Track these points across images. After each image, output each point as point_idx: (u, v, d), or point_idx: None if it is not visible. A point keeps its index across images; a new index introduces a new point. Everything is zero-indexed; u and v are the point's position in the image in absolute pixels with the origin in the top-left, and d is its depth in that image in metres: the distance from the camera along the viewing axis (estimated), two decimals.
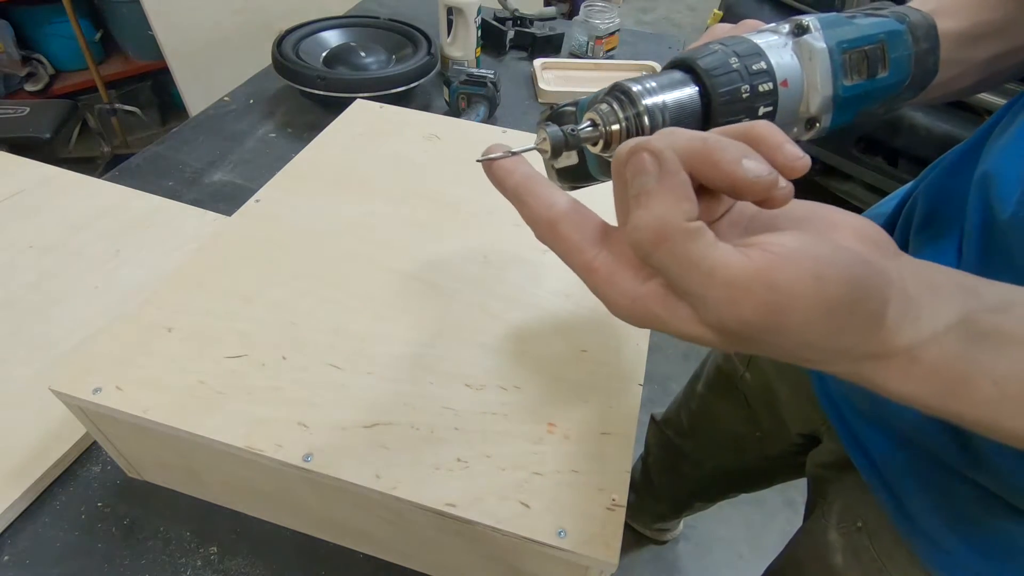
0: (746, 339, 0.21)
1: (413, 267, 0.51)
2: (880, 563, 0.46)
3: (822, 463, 0.59)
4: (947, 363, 0.22)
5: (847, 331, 0.21)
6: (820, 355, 0.22)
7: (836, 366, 0.22)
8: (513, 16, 1.20)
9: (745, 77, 0.26)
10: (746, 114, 0.26)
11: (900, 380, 0.22)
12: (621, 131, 0.26)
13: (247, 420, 0.40)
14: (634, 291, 0.22)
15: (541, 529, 0.36)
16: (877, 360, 0.22)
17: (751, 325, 0.20)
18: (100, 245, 0.67)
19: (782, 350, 0.21)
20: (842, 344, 0.21)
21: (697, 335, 0.21)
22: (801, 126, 0.28)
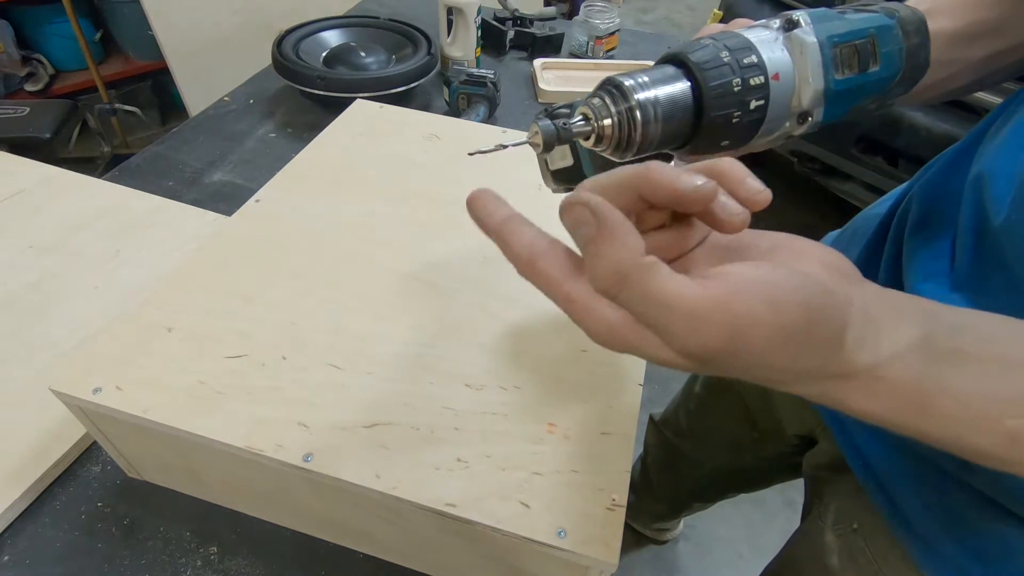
0: (713, 363, 0.21)
1: (413, 267, 0.51)
2: (876, 565, 0.46)
3: (818, 464, 0.59)
4: (909, 381, 0.23)
5: (806, 354, 0.21)
6: (784, 376, 0.22)
7: (801, 387, 0.23)
8: (513, 16, 1.20)
9: (736, 71, 0.26)
10: (737, 108, 0.26)
11: (863, 399, 0.23)
12: (613, 125, 0.26)
13: (247, 420, 0.40)
14: (609, 319, 0.22)
15: (541, 529, 0.36)
16: (840, 380, 0.23)
17: (714, 351, 0.20)
18: (100, 245, 0.67)
19: (749, 373, 0.22)
20: (803, 366, 0.22)
21: (668, 360, 0.22)
22: (793, 120, 0.28)
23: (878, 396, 0.23)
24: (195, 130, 0.93)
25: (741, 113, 0.26)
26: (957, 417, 0.23)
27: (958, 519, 0.40)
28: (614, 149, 0.27)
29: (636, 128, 0.26)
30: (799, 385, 0.23)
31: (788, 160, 1.93)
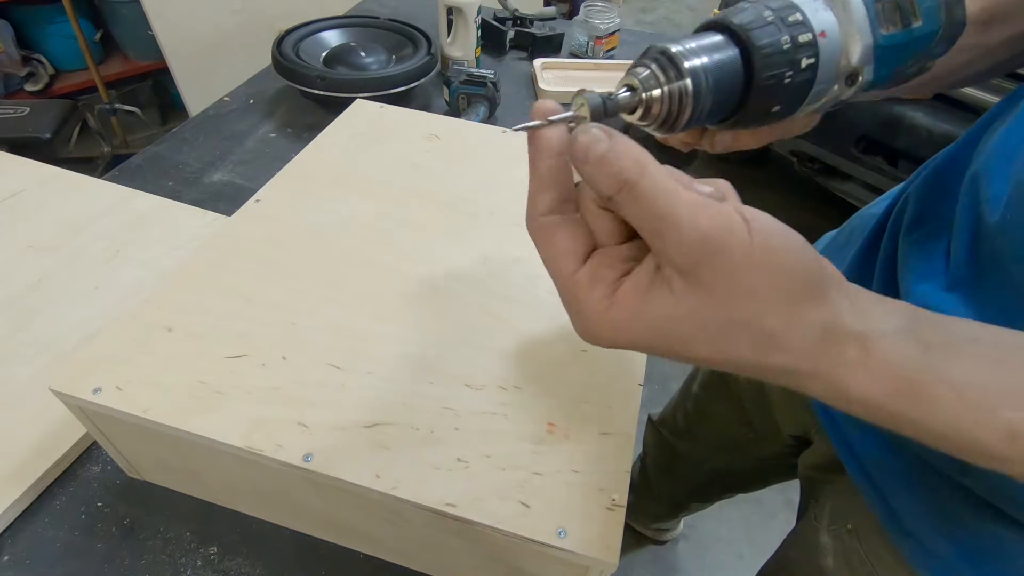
0: (704, 280, 0.21)
1: (413, 267, 0.51)
2: (870, 566, 0.46)
3: (813, 465, 0.59)
4: (900, 362, 0.22)
5: (796, 289, 0.21)
6: (772, 313, 0.21)
7: (795, 345, 0.22)
8: (513, 16, 1.20)
9: (783, 28, 0.24)
10: (788, 67, 0.25)
11: (857, 374, 0.22)
12: (663, 96, 0.24)
13: (247, 420, 0.40)
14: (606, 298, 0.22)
15: (541, 529, 0.36)
16: (832, 342, 0.22)
17: (710, 251, 0.20)
18: (100, 245, 0.67)
19: (738, 303, 0.21)
20: (793, 301, 0.21)
21: (664, 307, 0.21)
22: (842, 82, 0.27)
23: (870, 372, 0.22)
24: (195, 130, 0.93)
25: (792, 73, 0.25)
26: (953, 405, 0.22)
27: (951, 519, 0.40)
28: (661, 123, 0.25)
29: (687, 98, 0.24)
30: (787, 343, 0.22)
31: (788, 160, 1.93)
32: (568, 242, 0.23)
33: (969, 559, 0.39)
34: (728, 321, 0.21)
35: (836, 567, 0.50)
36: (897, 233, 0.45)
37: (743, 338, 0.21)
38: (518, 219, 0.60)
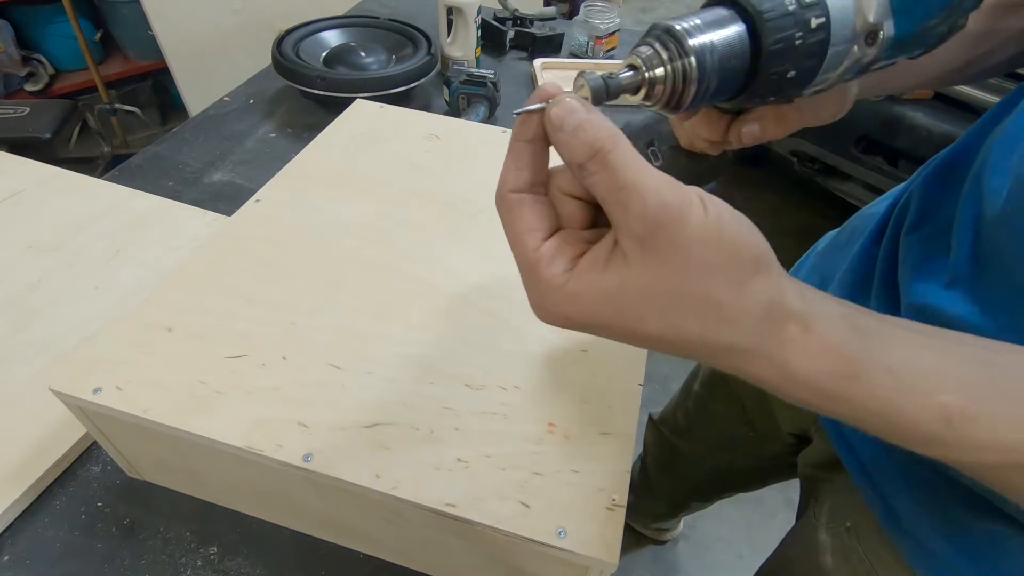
0: (658, 252, 0.21)
1: (413, 267, 0.51)
2: (868, 564, 0.46)
3: (813, 463, 0.59)
4: (839, 342, 0.23)
5: (741, 265, 0.22)
6: (719, 285, 0.21)
7: (741, 320, 0.22)
8: (513, 16, 1.20)
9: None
10: (798, 28, 0.23)
11: (797, 351, 0.22)
12: (667, 75, 0.24)
13: (247, 420, 0.40)
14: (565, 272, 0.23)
15: (541, 529, 0.36)
16: (777, 318, 0.22)
17: (667, 224, 0.21)
18: (100, 245, 0.67)
19: (690, 278, 0.21)
20: (740, 276, 0.22)
21: (618, 276, 0.22)
22: (861, 41, 0.25)
23: (811, 352, 0.22)
24: (195, 130, 0.93)
25: (803, 34, 0.24)
26: (890, 387, 0.22)
27: (950, 518, 0.40)
28: (665, 103, 0.25)
29: (692, 75, 0.23)
30: (735, 316, 0.22)
31: (788, 160, 1.93)
32: (534, 218, 0.24)
33: (967, 557, 0.39)
34: (679, 291, 0.21)
35: (835, 565, 0.50)
36: (899, 232, 0.45)
37: (692, 310, 0.22)
38: None
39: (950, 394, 0.23)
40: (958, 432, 0.23)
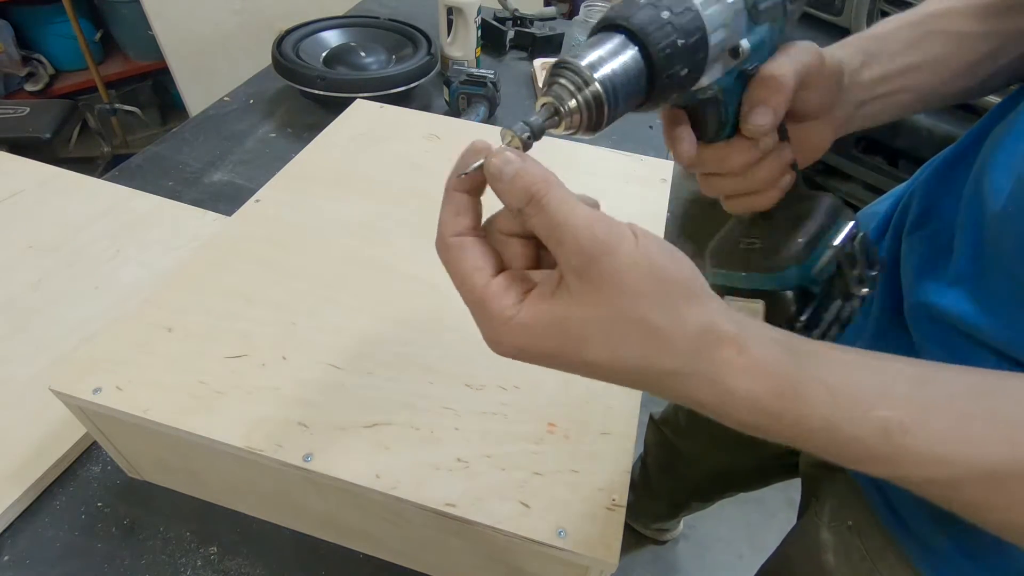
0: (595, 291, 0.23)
1: (413, 267, 0.51)
2: (870, 562, 0.46)
3: (814, 462, 0.59)
4: (776, 362, 0.23)
5: (674, 294, 0.23)
6: (654, 310, 0.23)
7: (677, 345, 0.23)
8: (513, 16, 1.20)
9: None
10: (677, 33, 0.27)
11: (735, 372, 0.23)
12: (580, 106, 0.26)
13: (247, 420, 0.40)
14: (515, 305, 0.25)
15: (541, 529, 0.36)
16: (711, 343, 0.23)
17: (600, 244, 0.22)
18: (100, 245, 0.67)
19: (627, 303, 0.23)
20: (672, 302, 0.23)
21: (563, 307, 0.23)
22: (732, 23, 0.28)
23: (748, 372, 0.23)
24: (195, 130, 0.93)
25: (683, 37, 0.27)
26: (828, 404, 0.23)
27: (952, 516, 0.40)
28: (586, 129, 0.28)
29: (601, 107, 0.26)
30: (670, 342, 0.23)
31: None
32: (479, 259, 0.26)
33: (968, 555, 0.39)
34: (618, 317, 0.23)
35: (837, 563, 0.50)
36: (900, 231, 0.45)
37: (632, 335, 0.23)
38: None
39: (888, 409, 0.23)
40: (896, 445, 0.23)
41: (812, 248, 0.33)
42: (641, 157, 0.67)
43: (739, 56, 0.29)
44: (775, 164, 0.34)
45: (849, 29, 1.55)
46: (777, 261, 0.33)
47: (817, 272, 0.33)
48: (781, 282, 0.33)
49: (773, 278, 0.33)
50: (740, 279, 0.35)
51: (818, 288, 0.33)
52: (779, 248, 0.34)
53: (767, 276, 0.34)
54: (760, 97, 0.31)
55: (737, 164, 0.33)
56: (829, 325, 0.34)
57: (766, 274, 0.34)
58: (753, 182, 0.34)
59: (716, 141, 0.33)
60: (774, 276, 0.33)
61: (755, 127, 0.31)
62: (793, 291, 0.33)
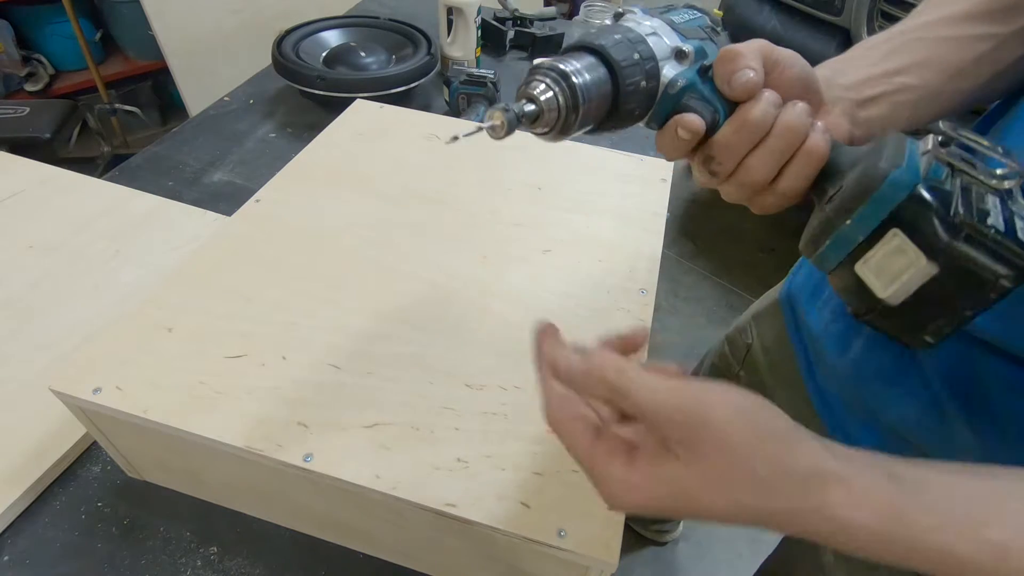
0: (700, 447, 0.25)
1: (413, 267, 0.51)
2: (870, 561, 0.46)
3: None
4: (881, 490, 0.24)
5: (771, 438, 0.25)
6: (759, 463, 0.24)
7: (786, 489, 0.24)
8: (513, 16, 1.20)
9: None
10: (642, 76, 0.31)
11: (845, 504, 0.24)
12: (559, 104, 0.29)
13: (247, 420, 0.40)
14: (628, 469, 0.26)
15: (541, 529, 0.36)
16: (818, 483, 0.24)
17: (693, 420, 0.24)
18: (100, 245, 0.67)
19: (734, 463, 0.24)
20: (773, 451, 0.24)
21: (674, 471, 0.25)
22: (674, 60, 0.32)
23: (857, 503, 0.24)
24: (195, 130, 0.93)
25: (645, 79, 0.31)
26: (935, 527, 0.24)
27: None
28: (556, 128, 0.30)
29: (579, 103, 0.29)
30: (780, 487, 0.24)
31: None
32: (580, 423, 0.28)
33: None
34: (727, 474, 0.24)
35: (837, 562, 0.50)
36: None
37: (744, 487, 0.25)
38: (518, 219, 0.60)
39: (995, 528, 0.24)
40: (1012, 566, 0.23)
41: (900, 154, 0.28)
42: (641, 157, 0.67)
43: (686, 56, 0.32)
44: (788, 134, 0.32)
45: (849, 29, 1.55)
46: (873, 178, 0.28)
47: (925, 172, 0.27)
48: (893, 190, 0.27)
49: (881, 195, 0.27)
50: (850, 230, 0.29)
51: (947, 185, 0.27)
52: (866, 173, 0.28)
53: (875, 198, 0.27)
54: (725, 66, 0.31)
55: (745, 135, 0.32)
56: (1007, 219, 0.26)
57: (872, 198, 0.28)
58: (777, 146, 0.32)
59: (717, 131, 0.33)
60: (881, 192, 0.27)
61: (739, 84, 0.31)
62: (914, 197, 0.27)
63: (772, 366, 0.65)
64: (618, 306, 0.49)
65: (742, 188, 0.33)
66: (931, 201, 0.26)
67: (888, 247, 0.28)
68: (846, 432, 0.48)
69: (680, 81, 0.32)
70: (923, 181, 0.27)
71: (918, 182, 0.27)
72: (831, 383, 0.50)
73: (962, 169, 0.27)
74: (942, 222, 0.26)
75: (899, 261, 0.27)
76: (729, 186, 0.33)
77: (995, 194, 0.27)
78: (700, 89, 0.32)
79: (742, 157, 0.32)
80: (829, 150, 0.31)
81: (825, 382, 0.51)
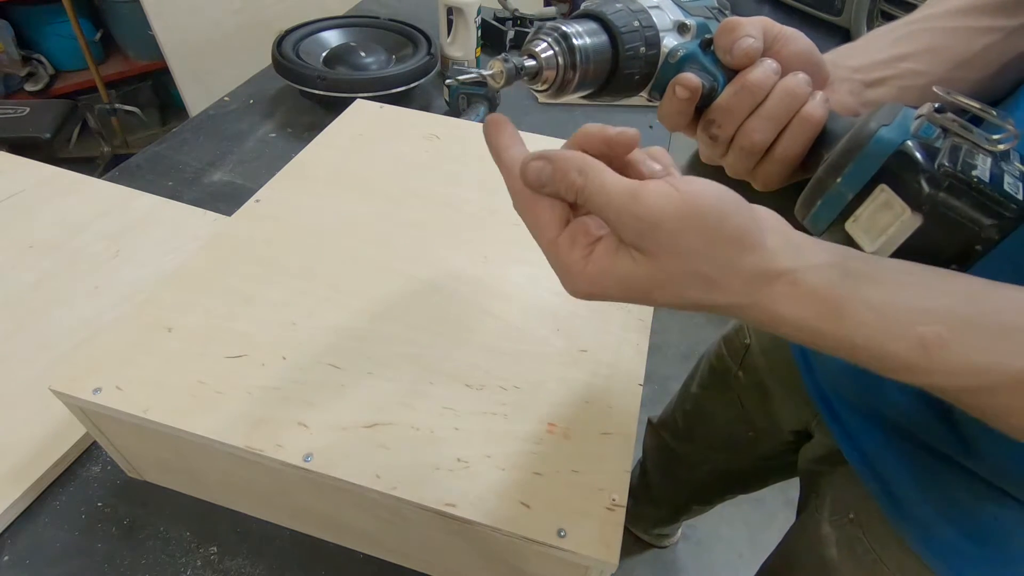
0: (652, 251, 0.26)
1: (413, 267, 0.51)
2: (874, 554, 0.46)
3: (814, 458, 0.59)
4: (826, 288, 0.25)
5: (722, 244, 0.25)
6: (707, 264, 0.25)
7: (733, 287, 0.26)
8: (513, 16, 1.20)
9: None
10: (641, 42, 0.32)
11: (786, 302, 0.26)
12: (559, 63, 0.30)
13: (247, 420, 0.40)
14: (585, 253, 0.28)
15: (541, 529, 0.36)
16: (763, 281, 0.26)
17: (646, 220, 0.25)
18: (100, 245, 0.67)
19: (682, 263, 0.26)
20: (724, 255, 0.25)
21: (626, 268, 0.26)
22: (675, 32, 0.33)
23: (798, 300, 0.25)
24: (195, 130, 0.93)
25: (644, 46, 0.32)
26: (871, 324, 0.25)
27: (953, 502, 0.40)
28: (556, 89, 0.31)
29: (577, 68, 0.30)
30: (726, 286, 0.26)
31: None
32: (548, 212, 0.29)
33: (972, 540, 0.39)
34: (676, 274, 0.26)
35: (840, 557, 0.50)
36: None
37: (691, 284, 0.26)
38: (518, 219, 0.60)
39: (927, 325, 0.25)
40: (932, 359, 0.25)
41: (892, 116, 0.28)
42: None
43: (688, 30, 0.33)
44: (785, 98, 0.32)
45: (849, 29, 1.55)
46: (862, 136, 0.28)
47: (916, 131, 0.27)
48: (880, 146, 0.27)
49: (869, 151, 0.28)
50: (839, 187, 0.29)
51: (937, 143, 0.27)
52: (856, 133, 0.29)
53: (862, 155, 0.28)
54: (727, 36, 0.32)
55: (745, 97, 0.32)
56: (994, 174, 0.27)
57: (859, 154, 0.28)
58: (774, 113, 0.32)
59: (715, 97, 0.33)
60: (869, 148, 0.28)
61: (740, 51, 0.32)
62: (900, 153, 0.27)
63: (771, 366, 0.65)
64: (618, 305, 0.49)
65: (742, 154, 0.34)
66: (916, 155, 0.27)
67: (876, 203, 0.28)
68: (847, 429, 0.48)
69: (681, 51, 0.33)
70: (912, 139, 0.27)
71: (907, 139, 0.27)
72: (830, 381, 0.50)
73: (955, 131, 0.28)
74: (925, 174, 0.27)
75: (886, 216, 0.28)
76: (730, 155, 0.34)
77: (988, 155, 0.28)
78: (700, 59, 0.33)
79: (741, 120, 0.33)
80: (826, 116, 0.32)
81: (824, 381, 0.51)
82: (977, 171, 0.26)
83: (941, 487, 0.41)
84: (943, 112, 0.28)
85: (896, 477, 0.44)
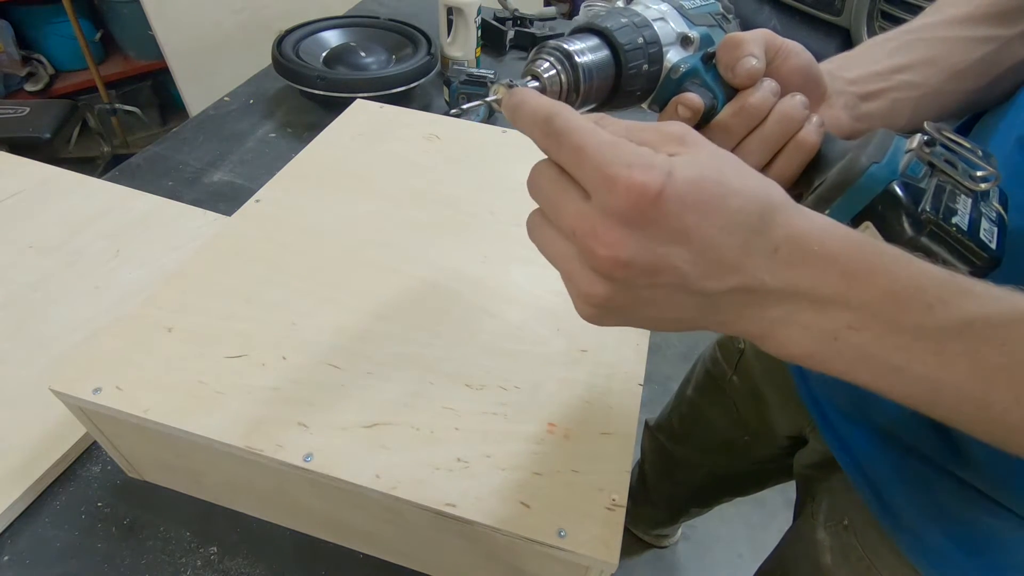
0: (642, 221, 0.22)
1: (413, 267, 0.51)
2: (868, 561, 0.46)
3: (809, 463, 0.59)
4: (852, 244, 0.24)
5: (733, 207, 0.23)
6: (721, 239, 0.23)
7: (751, 261, 0.23)
8: (513, 16, 1.20)
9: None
10: (644, 60, 0.32)
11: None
12: (562, 83, 0.30)
13: (247, 420, 0.40)
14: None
15: (541, 529, 0.36)
16: (784, 240, 0.24)
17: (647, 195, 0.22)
18: (100, 245, 0.67)
19: (686, 236, 0.23)
20: (738, 220, 0.23)
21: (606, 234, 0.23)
22: (678, 46, 0.33)
23: (824, 261, 0.24)
24: (195, 130, 0.93)
25: (647, 63, 0.32)
26: (891, 293, 0.24)
27: (944, 510, 0.40)
28: None
29: (580, 86, 0.30)
30: (747, 259, 0.23)
31: None
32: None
33: (964, 549, 0.39)
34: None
35: (834, 564, 0.50)
36: None
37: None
38: (518, 219, 0.60)
39: (938, 288, 0.23)
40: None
41: (884, 151, 0.30)
42: None
43: (691, 43, 0.33)
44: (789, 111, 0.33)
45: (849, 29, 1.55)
46: (852, 172, 0.29)
47: (904, 169, 0.29)
48: (870, 183, 0.29)
49: (859, 188, 0.29)
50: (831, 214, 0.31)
51: (923, 183, 0.29)
52: (847, 167, 0.30)
53: (853, 190, 0.29)
54: (729, 53, 0.32)
55: (743, 119, 0.33)
56: (972, 220, 0.28)
57: (849, 190, 0.29)
58: (774, 130, 0.33)
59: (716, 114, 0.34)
60: (859, 185, 0.29)
61: (742, 71, 0.32)
62: (887, 192, 0.28)
63: (765, 371, 0.65)
64: None
65: None
66: (902, 197, 0.28)
67: None
68: (840, 436, 0.48)
69: (683, 67, 0.33)
70: (899, 177, 0.28)
71: (895, 178, 0.28)
72: (823, 387, 0.50)
73: (942, 169, 0.29)
74: (909, 217, 0.28)
75: None
76: None
77: (969, 195, 0.29)
78: (702, 75, 0.33)
79: (738, 141, 0.33)
80: (820, 142, 0.32)
81: (817, 386, 0.51)
82: (957, 217, 0.28)
83: (933, 495, 0.41)
84: (932, 145, 0.30)
85: (888, 484, 0.44)
